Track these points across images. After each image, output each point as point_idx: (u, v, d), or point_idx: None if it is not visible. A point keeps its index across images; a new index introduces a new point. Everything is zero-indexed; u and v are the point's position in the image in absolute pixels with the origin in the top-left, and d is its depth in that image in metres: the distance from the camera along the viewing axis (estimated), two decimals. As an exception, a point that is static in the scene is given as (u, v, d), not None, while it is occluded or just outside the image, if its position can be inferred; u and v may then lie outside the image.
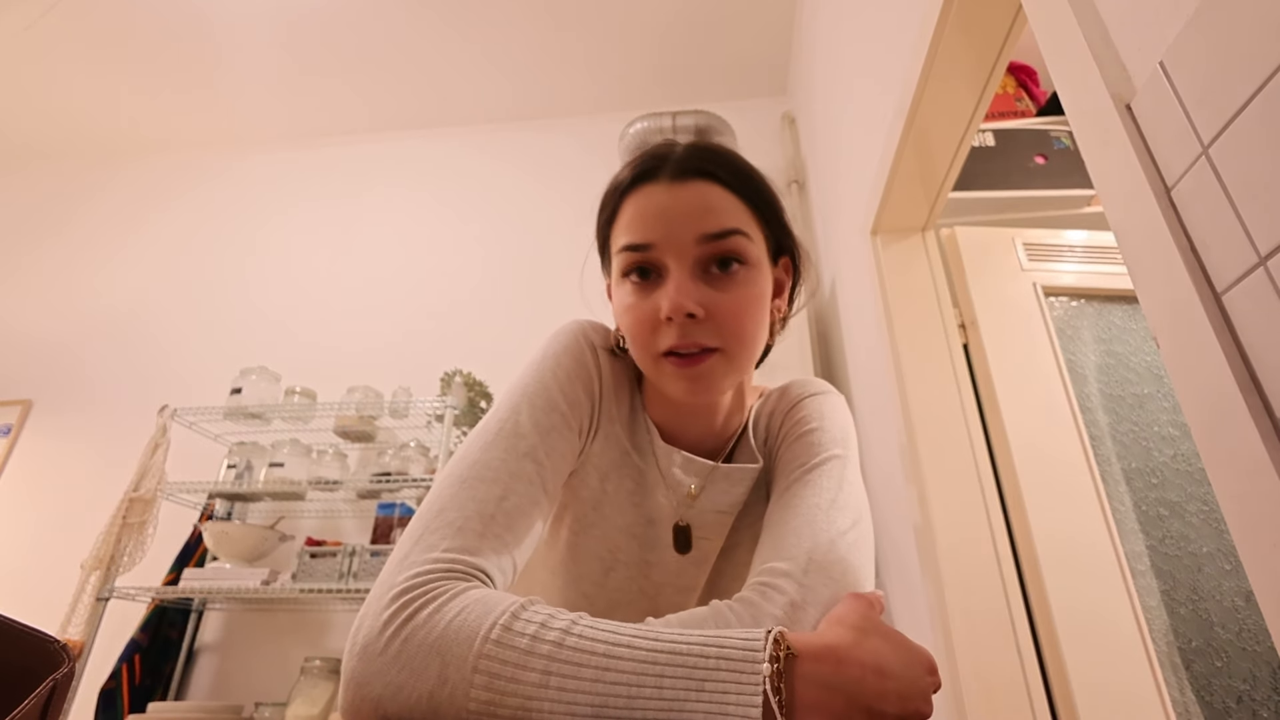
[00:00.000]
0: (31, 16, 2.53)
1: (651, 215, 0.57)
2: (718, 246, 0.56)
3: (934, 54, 1.06)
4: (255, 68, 2.81)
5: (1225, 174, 0.46)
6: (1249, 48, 0.43)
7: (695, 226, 0.56)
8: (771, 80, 2.86)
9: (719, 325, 0.55)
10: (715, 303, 0.55)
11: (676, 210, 0.56)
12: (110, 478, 2.34)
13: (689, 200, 0.57)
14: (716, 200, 0.57)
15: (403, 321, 2.66)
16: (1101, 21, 0.60)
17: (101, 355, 2.78)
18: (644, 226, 0.57)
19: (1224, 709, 1.05)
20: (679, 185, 0.57)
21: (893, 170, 1.29)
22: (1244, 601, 1.12)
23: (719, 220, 0.56)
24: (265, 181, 3.12)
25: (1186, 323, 0.49)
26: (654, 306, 0.56)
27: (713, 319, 0.55)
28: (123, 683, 1.90)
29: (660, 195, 0.57)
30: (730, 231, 0.56)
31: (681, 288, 0.54)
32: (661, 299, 0.55)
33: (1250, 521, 0.45)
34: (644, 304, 0.57)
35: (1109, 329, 1.35)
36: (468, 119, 3.08)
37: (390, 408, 2.19)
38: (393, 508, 2.10)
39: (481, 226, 2.86)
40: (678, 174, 0.58)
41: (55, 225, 3.17)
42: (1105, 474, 1.21)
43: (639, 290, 0.57)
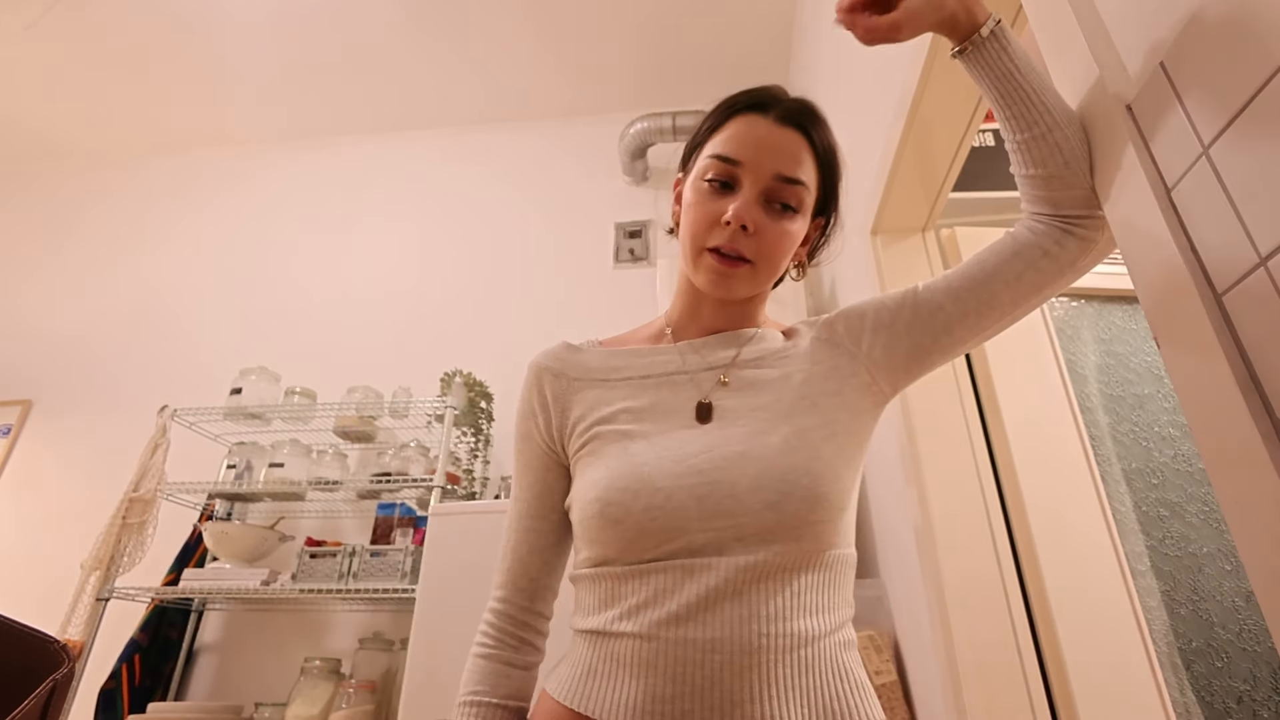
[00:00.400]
0: (31, 16, 2.53)
1: (749, 140, 0.68)
2: (785, 189, 0.68)
3: (934, 54, 1.06)
4: (256, 68, 2.81)
5: (1225, 174, 0.46)
6: (1249, 48, 0.43)
7: (778, 165, 0.68)
8: (771, 79, 2.83)
9: (760, 245, 0.67)
10: (765, 228, 0.67)
11: (769, 145, 0.68)
12: (110, 478, 2.34)
13: (782, 143, 0.68)
14: (800, 153, 0.69)
15: (403, 321, 2.67)
16: (1101, 21, 0.60)
17: (101, 355, 2.78)
18: (740, 146, 0.68)
19: (1224, 709, 1.05)
20: (779, 127, 0.69)
21: (893, 170, 1.29)
22: (1244, 601, 1.12)
23: (795, 169, 0.68)
24: (265, 181, 3.12)
25: (1186, 323, 0.49)
26: (720, 209, 0.67)
27: (757, 238, 0.67)
28: (123, 683, 1.90)
29: (762, 128, 0.69)
30: (799, 181, 0.68)
31: (749, 204, 0.66)
32: (729, 205, 0.66)
33: (1250, 521, 0.45)
34: (712, 204, 0.68)
35: (1109, 329, 1.35)
36: (467, 119, 3.08)
37: (390, 408, 2.19)
38: (393, 508, 2.11)
39: (481, 226, 2.86)
40: (782, 117, 0.69)
41: (55, 226, 3.17)
42: (1105, 474, 1.21)
43: (713, 192, 0.68)
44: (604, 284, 2.61)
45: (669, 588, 0.59)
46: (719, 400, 0.68)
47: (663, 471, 0.62)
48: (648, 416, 0.68)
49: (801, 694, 0.57)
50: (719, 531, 0.60)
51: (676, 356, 0.73)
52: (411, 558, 1.88)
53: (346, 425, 2.17)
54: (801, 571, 0.60)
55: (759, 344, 0.73)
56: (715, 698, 0.56)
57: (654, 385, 0.71)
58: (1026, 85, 0.61)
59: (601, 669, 0.61)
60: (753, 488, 0.60)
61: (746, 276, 0.68)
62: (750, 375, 0.70)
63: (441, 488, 1.97)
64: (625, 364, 0.74)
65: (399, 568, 1.86)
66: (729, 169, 0.68)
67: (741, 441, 0.64)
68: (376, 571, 1.87)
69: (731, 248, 0.66)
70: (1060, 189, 0.61)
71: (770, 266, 0.69)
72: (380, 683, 1.87)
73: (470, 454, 2.24)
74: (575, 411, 0.71)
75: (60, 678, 1.05)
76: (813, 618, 0.60)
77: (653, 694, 0.57)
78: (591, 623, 0.64)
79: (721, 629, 0.57)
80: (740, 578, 0.59)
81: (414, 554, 1.88)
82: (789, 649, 0.58)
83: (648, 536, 0.61)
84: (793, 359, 0.71)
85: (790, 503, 0.60)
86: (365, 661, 1.89)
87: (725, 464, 0.62)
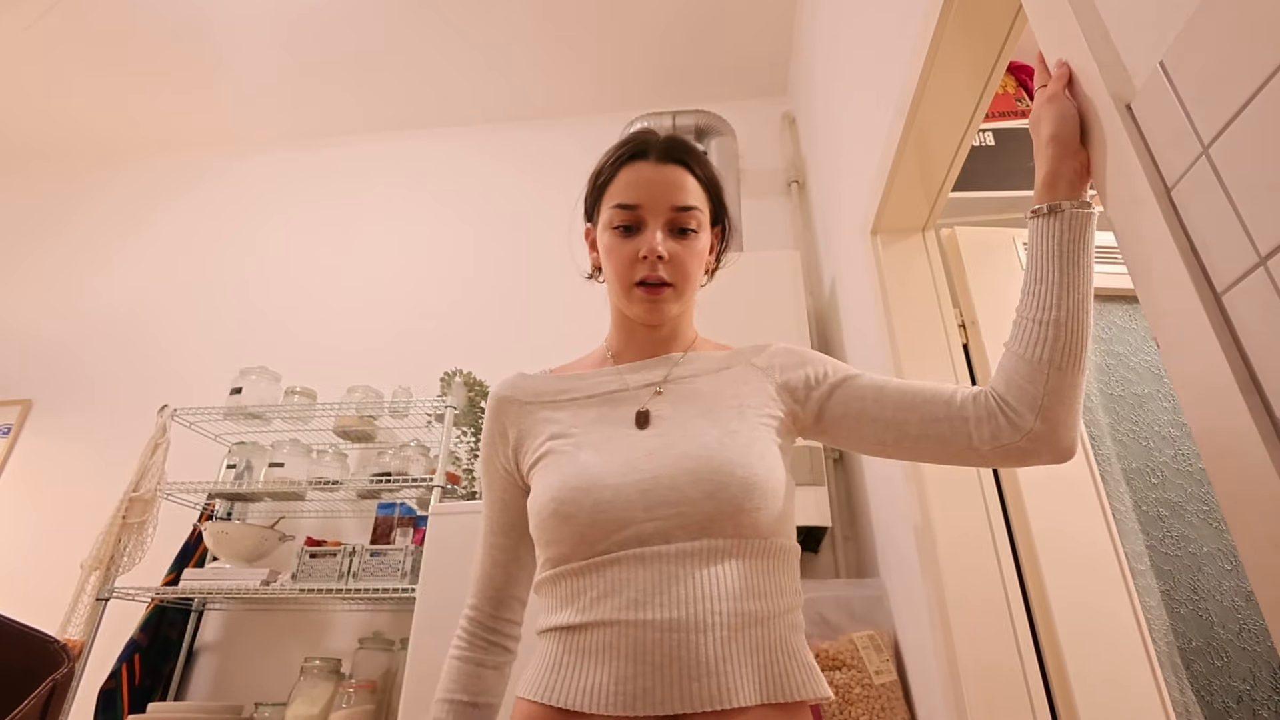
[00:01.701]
0: (31, 16, 2.53)
1: (640, 185, 0.78)
2: (683, 216, 0.78)
3: (934, 53, 1.06)
4: (255, 68, 2.81)
5: (1225, 174, 0.46)
6: (1249, 48, 0.43)
7: (671, 199, 0.78)
8: (771, 80, 2.86)
9: (675, 268, 0.77)
10: (675, 253, 0.77)
11: (659, 184, 0.78)
12: (110, 478, 2.34)
13: (669, 178, 0.78)
14: (686, 182, 0.79)
15: (403, 321, 2.66)
16: (1101, 21, 0.60)
17: (101, 355, 2.78)
18: (634, 192, 0.78)
19: (1224, 709, 1.05)
20: (662, 166, 0.79)
21: (893, 170, 1.29)
22: (1244, 601, 1.12)
23: (686, 198, 0.78)
24: (265, 181, 3.12)
25: (1186, 323, 0.49)
26: (635, 248, 0.77)
27: (672, 263, 0.77)
28: (122, 683, 1.90)
29: (648, 171, 0.78)
30: (691, 207, 0.78)
31: (656, 238, 0.76)
32: (642, 243, 0.76)
33: (1250, 521, 0.45)
34: (626, 246, 0.77)
35: (1109, 329, 1.36)
36: (467, 119, 3.08)
37: (390, 408, 2.19)
38: (393, 508, 2.10)
39: (481, 226, 2.86)
40: (662, 156, 0.79)
41: (55, 225, 3.17)
42: (1105, 474, 1.21)
43: (623, 236, 0.78)
44: (602, 284, 2.61)
45: (624, 577, 0.65)
46: (656, 409, 0.77)
47: (610, 471, 0.69)
48: (594, 429, 0.76)
49: (753, 669, 0.63)
50: (664, 520, 0.66)
51: (618, 377, 0.81)
52: (411, 557, 1.88)
53: (346, 425, 2.17)
54: (746, 557, 0.66)
55: (691, 363, 0.81)
56: (674, 673, 0.61)
57: (598, 403, 0.79)
58: (1083, 275, 0.63)
59: (567, 661, 0.66)
60: (692, 480, 0.67)
61: (671, 298, 0.78)
62: (684, 388, 0.78)
63: (441, 487, 1.97)
64: (572, 386, 0.82)
65: (399, 568, 1.86)
66: (631, 214, 0.77)
67: (680, 443, 0.71)
68: (376, 571, 1.87)
69: (654, 277, 0.76)
70: (1024, 378, 0.65)
71: (688, 283, 0.79)
72: (380, 683, 1.87)
73: (470, 454, 2.24)
74: (530, 432, 0.79)
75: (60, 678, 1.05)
76: (760, 600, 0.66)
77: (616, 675, 0.62)
78: (555, 620, 0.69)
79: (676, 610, 0.63)
80: (690, 562, 0.65)
81: (414, 554, 1.88)
82: (740, 627, 0.63)
83: (598, 529, 0.67)
84: (723, 376, 0.79)
85: (727, 491, 0.66)
86: (365, 661, 1.89)
87: (667, 461, 0.69)
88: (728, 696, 0.60)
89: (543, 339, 2.49)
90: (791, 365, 0.79)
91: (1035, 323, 0.64)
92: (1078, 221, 0.63)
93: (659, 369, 0.81)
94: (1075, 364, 0.63)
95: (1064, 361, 0.62)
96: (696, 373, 0.80)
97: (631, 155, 0.80)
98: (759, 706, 0.62)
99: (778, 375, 0.78)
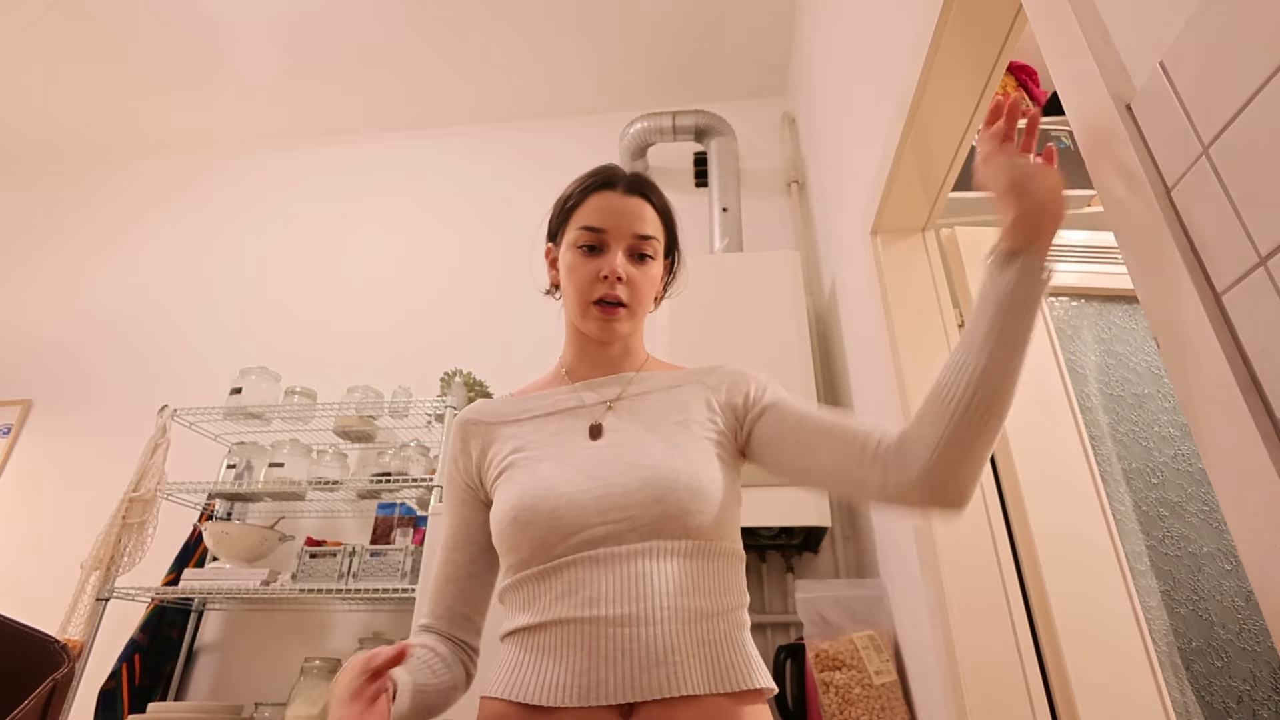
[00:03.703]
0: (31, 16, 2.53)
1: (607, 211, 0.85)
2: (642, 244, 0.85)
3: (934, 53, 1.06)
4: (255, 68, 2.81)
5: (1225, 174, 0.46)
6: (1249, 48, 0.43)
7: (633, 227, 0.84)
8: (771, 80, 2.86)
9: (631, 290, 0.83)
10: (634, 276, 0.84)
11: (624, 212, 0.85)
12: (110, 478, 2.34)
13: (633, 209, 0.85)
14: (648, 214, 0.87)
15: (403, 321, 2.67)
16: (1101, 21, 0.60)
17: (101, 355, 2.78)
18: (601, 217, 0.84)
19: (1224, 709, 1.05)
20: (628, 197, 0.86)
21: (893, 170, 1.29)
22: (1244, 601, 1.12)
23: (646, 227, 0.86)
24: (265, 181, 3.12)
25: (1186, 323, 0.49)
26: (597, 267, 0.83)
27: (629, 285, 0.83)
28: (123, 683, 1.90)
29: (616, 200, 0.85)
30: (651, 236, 0.86)
31: (618, 260, 0.82)
32: (604, 264, 0.82)
33: (1250, 521, 0.45)
34: (589, 266, 0.83)
35: (1109, 329, 1.35)
36: (467, 119, 3.08)
37: (390, 408, 2.19)
38: (393, 508, 2.11)
39: (481, 226, 2.86)
40: (628, 189, 0.87)
41: (55, 225, 3.17)
42: (1105, 474, 1.21)
43: (586, 257, 0.84)
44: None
45: (579, 578, 0.70)
46: (608, 423, 0.82)
47: (564, 480, 0.75)
48: (553, 443, 0.81)
49: (701, 659, 0.67)
50: (615, 524, 0.71)
51: (574, 395, 0.86)
52: (411, 557, 1.88)
53: (346, 425, 2.17)
54: (692, 557, 0.71)
55: (644, 382, 0.87)
56: (626, 665, 0.65)
57: (556, 419, 0.84)
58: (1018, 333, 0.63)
59: (527, 660, 0.70)
60: (641, 486, 0.72)
61: (625, 317, 0.84)
62: (635, 405, 0.84)
63: (441, 487, 1.97)
64: (532, 405, 0.87)
65: (399, 568, 1.86)
66: (597, 236, 0.84)
67: (630, 454, 0.76)
68: (376, 571, 1.87)
69: (612, 296, 0.82)
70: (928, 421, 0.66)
71: (641, 305, 0.85)
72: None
73: (470, 454, 2.23)
74: (493, 448, 0.84)
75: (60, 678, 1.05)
76: (705, 597, 0.70)
77: (572, 669, 0.66)
78: (516, 622, 0.73)
79: (627, 606, 0.67)
80: (639, 561, 0.69)
81: (414, 554, 1.88)
82: (688, 621, 0.68)
83: (554, 534, 0.71)
84: (673, 394, 0.84)
85: (673, 495, 0.71)
86: (365, 661, 1.89)
87: (618, 470, 0.74)
88: (678, 684, 0.64)
89: (542, 339, 2.48)
90: (735, 385, 0.84)
91: (957, 366, 0.64)
92: (1028, 279, 0.63)
93: (613, 387, 0.86)
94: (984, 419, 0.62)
95: (972, 415, 0.62)
96: (649, 390, 0.85)
97: (601, 184, 0.87)
98: (710, 695, 0.66)
99: (723, 394, 0.83)
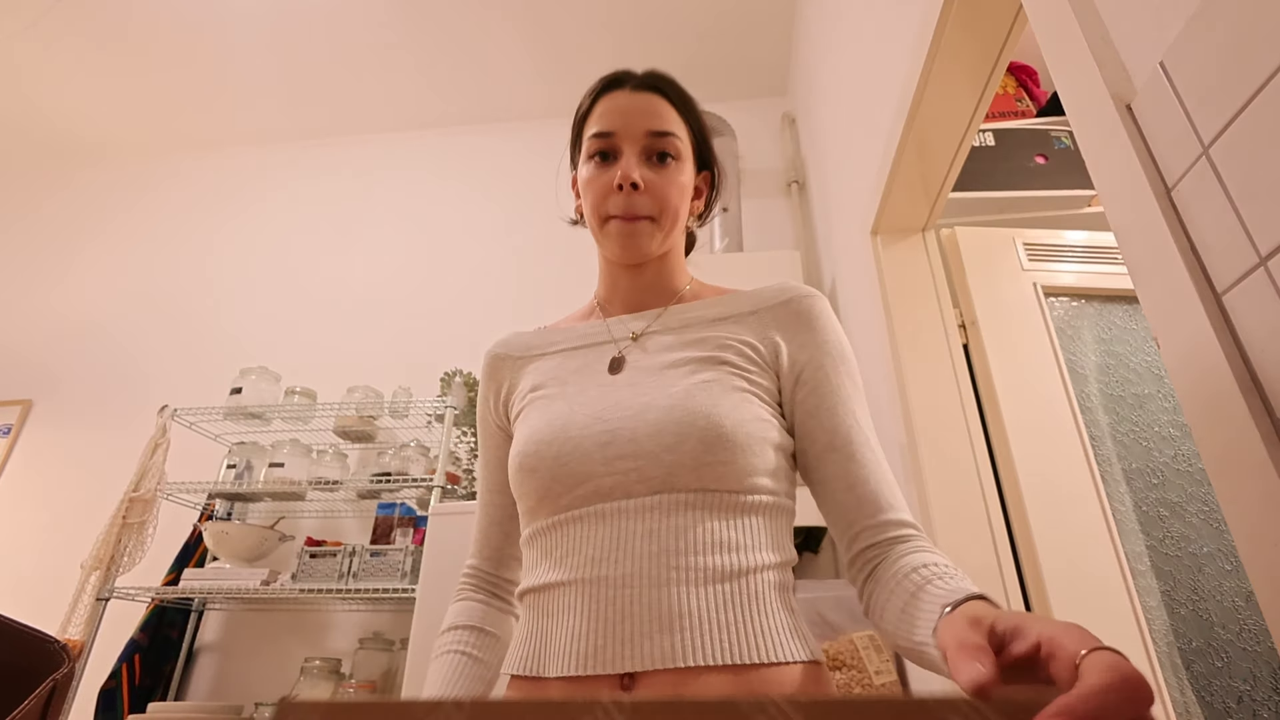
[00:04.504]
0: (31, 16, 2.53)
1: (615, 111, 0.75)
2: (659, 142, 0.74)
3: (934, 54, 1.06)
4: (255, 69, 2.81)
5: (1225, 174, 0.46)
6: (1249, 48, 0.43)
7: (645, 123, 0.74)
8: (771, 80, 2.86)
9: (653, 197, 0.72)
10: (652, 181, 0.72)
11: (634, 110, 0.74)
12: (110, 478, 2.34)
13: (643, 105, 0.75)
14: (663, 109, 0.75)
15: (403, 321, 2.67)
16: (1101, 21, 0.60)
17: (102, 355, 2.78)
18: (609, 119, 0.75)
19: (1224, 709, 1.05)
20: (637, 93, 0.75)
21: (893, 170, 1.29)
22: (1244, 601, 1.12)
23: (662, 123, 0.74)
24: (266, 182, 3.13)
25: (1186, 323, 0.49)
26: (610, 178, 0.72)
27: (649, 192, 0.72)
28: (123, 683, 1.90)
29: (623, 99, 0.75)
30: (669, 133, 0.74)
31: (631, 164, 0.72)
32: (616, 171, 0.72)
33: (1250, 521, 0.45)
34: (602, 176, 0.74)
35: (1109, 329, 1.35)
36: (467, 119, 3.08)
37: (390, 408, 2.19)
38: (393, 508, 2.10)
39: (481, 226, 2.86)
40: (638, 85, 0.76)
41: (55, 225, 3.17)
42: (1105, 474, 1.20)
43: (599, 167, 0.74)
44: (604, 284, 2.62)
45: (584, 534, 0.63)
46: (632, 357, 0.73)
47: (574, 423, 0.67)
48: (572, 379, 0.73)
49: (718, 626, 0.57)
50: (623, 475, 0.63)
51: (604, 327, 0.78)
52: (411, 557, 1.88)
53: (346, 425, 2.17)
54: (712, 510, 0.62)
55: (682, 313, 0.76)
56: (626, 631, 0.57)
57: (581, 353, 0.77)
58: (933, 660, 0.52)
59: (538, 627, 0.64)
60: (652, 433, 0.63)
61: (649, 231, 0.73)
62: (669, 339, 0.74)
63: (441, 488, 1.97)
64: (560, 338, 0.81)
65: (399, 568, 1.86)
66: (606, 142, 0.74)
67: (647, 393, 0.67)
68: (376, 571, 1.87)
69: (629, 211, 0.72)
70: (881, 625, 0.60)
71: (669, 215, 0.74)
72: (380, 683, 1.87)
73: (470, 454, 2.24)
74: (518, 384, 0.79)
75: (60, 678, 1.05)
76: (728, 554, 0.60)
77: (572, 633, 0.59)
78: (529, 581, 0.67)
79: (633, 564, 0.60)
80: (650, 516, 0.61)
81: (414, 554, 1.88)
82: (704, 582, 0.58)
83: (559, 482, 0.65)
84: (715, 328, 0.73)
85: (687, 444, 0.62)
86: (365, 661, 1.89)
87: (629, 413, 0.66)
88: (685, 653, 0.55)
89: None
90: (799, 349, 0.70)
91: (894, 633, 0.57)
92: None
93: (646, 319, 0.77)
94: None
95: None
96: (687, 322, 0.75)
97: (608, 85, 0.78)
98: (726, 667, 0.56)
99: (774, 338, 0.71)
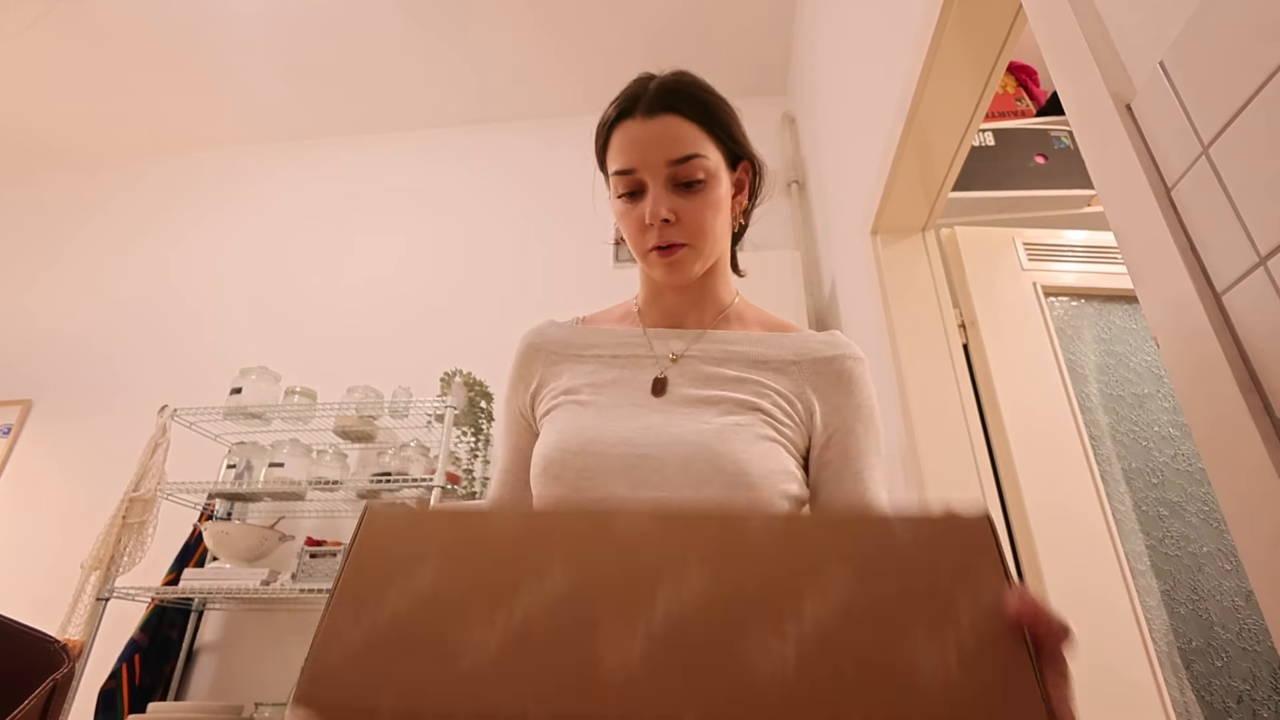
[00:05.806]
0: (30, 16, 2.53)
1: (632, 146, 0.72)
2: (682, 170, 0.71)
3: (934, 53, 1.06)
4: (255, 68, 2.81)
5: (1225, 174, 0.46)
6: (1249, 48, 0.43)
7: (664, 153, 0.71)
8: (771, 80, 2.86)
9: (686, 226, 0.72)
10: (682, 209, 0.71)
11: (650, 141, 0.71)
12: (110, 478, 2.34)
13: (659, 131, 0.71)
14: (680, 130, 0.72)
15: (403, 321, 2.66)
16: (1101, 21, 0.60)
17: (101, 355, 2.78)
18: (627, 155, 0.72)
19: (1224, 709, 1.05)
20: (650, 120, 0.71)
21: (893, 170, 1.29)
22: (1244, 601, 1.12)
23: (682, 147, 0.71)
24: (266, 182, 3.12)
25: (1186, 323, 0.49)
26: (641, 214, 0.72)
27: (681, 222, 0.71)
28: (123, 683, 1.90)
29: (637, 129, 0.72)
30: (690, 156, 0.71)
31: (657, 200, 0.70)
32: (644, 209, 0.71)
33: (1250, 521, 0.45)
34: (633, 213, 0.73)
35: (1109, 329, 1.35)
36: (468, 119, 3.08)
37: (390, 408, 2.19)
38: (393, 508, 2.10)
39: (482, 226, 2.86)
40: (648, 110, 0.72)
41: (55, 225, 3.17)
42: (1105, 474, 1.20)
43: (629, 203, 0.73)
44: (605, 284, 2.61)
45: None
46: (675, 383, 0.73)
47: (602, 439, 0.67)
48: (606, 390, 0.73)
49: None
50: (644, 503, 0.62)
51: (644, 340, 0.78)
52: (411, 558, 1.87)
53: (346, 425, 2.17)
54: None
55: (723, 341, 0.76)
56: None
57: (620, 364, 0.76)
58: None
59: None
60: (680, 468, 0.63)
61: (689, 258, 0.73)
62: (709, 370, 0.73)
63: (441, 487, 1.97)
64: (599, 341, 0.80)
65: (399, 568, 1.86)
66: (630, 179, 0.72)
67: (681, 424, 0.67)
68: (376, 571, 1.86)
69: (664, 243, 0.72)
70: None
71: (706, 239, 0.73)
72: (380, 682, 1.87)
73: (470, 454, 2.24)
74: (551, 382, 0.78)
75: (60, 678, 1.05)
76: None
77: None
78: None
79: None
80: None
81: (414, 554, 1.88)
82: None
83: (580, 494, 0.65)
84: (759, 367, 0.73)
85: (712, 485, 0.62)
86: (365, 661, 1.89)
87: (660, 442, 0.65)
88: None
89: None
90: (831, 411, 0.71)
91: None
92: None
93: (694, 340, 0.77)
94: None
95: None
96: (729, 356, 0.74)
97: (619, 115, 0.74)
98: None
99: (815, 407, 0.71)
